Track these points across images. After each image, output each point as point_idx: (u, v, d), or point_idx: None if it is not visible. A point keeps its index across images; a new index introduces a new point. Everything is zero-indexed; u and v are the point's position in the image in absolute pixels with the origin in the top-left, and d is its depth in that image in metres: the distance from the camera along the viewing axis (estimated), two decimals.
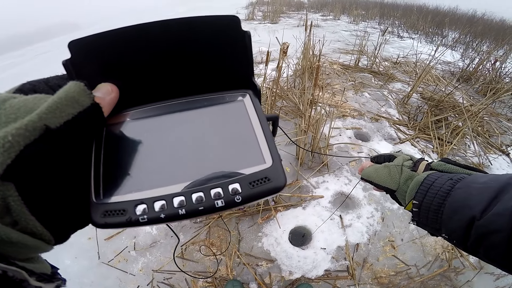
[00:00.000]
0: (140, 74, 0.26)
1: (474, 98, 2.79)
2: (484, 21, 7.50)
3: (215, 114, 0.27)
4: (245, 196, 0.21)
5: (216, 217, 1.44)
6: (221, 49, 0.27)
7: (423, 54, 3.78)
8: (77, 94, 0.20)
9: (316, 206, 1.53)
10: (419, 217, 0.39)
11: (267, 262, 1.30)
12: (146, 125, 0.26)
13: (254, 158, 0.23)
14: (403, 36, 5.68)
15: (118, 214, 0.21)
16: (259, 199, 0.22)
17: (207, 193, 0.21)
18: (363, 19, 7.38)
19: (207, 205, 0.21)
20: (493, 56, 3.45)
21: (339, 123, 2.13)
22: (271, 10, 7.32)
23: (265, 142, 0.24)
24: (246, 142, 0.25)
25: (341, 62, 3.36)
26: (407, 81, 3.00)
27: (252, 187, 0.22)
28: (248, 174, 0.22)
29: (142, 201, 0.21)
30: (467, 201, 0.33)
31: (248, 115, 0.26)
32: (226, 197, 0.21)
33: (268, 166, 0.23)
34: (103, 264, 1.29)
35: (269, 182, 0.22)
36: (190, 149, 0.24)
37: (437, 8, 9.12)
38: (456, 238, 0.34)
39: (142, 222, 0.21)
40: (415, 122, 2.24)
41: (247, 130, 0.25)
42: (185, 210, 0.21)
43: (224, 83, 0.28)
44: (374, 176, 0.49)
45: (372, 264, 1.30)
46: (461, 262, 1.32)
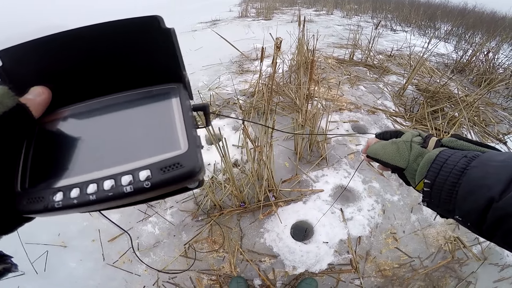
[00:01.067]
0: (70, 76, 0.28)
1: (469, 89, 2.81)
2: (475, 13, 7.57)
3: (140, 107, 0.28)
4: (155, 182, 0.22)
5: (216, 214, 1.44)
6: (145, 47, 0.28)
7: (416, 47, 3.80)
8: (0, 97, 0.22)
9: (316, 200, 1.53)
10: (431, 197, 0.36)
11: (270, 258, 1.30)
12: (75, 121, 0.28)
13: (169, 145, 0.24)
14: (396, 29, 5.70)
15: (37, 201, 0.22)
16: (171, 185, 0.23)
17: (118, 180, 0.22)
18: (356, 13, 7.39)
19: (116, 191, 0.22)
20: (486, 47, 3.47)
21: (336, 116, 2.13)
22: (265, 6, 7.29)
23: (183, 129, 0.25)
24: (164, 130, 0.26)
25: (335, 57, 3.36)
26: (402, 73, 3.01)
27: (163, 173, 0.22)
28: (160, 160, 0.23)
29: (59, 188, 0.23)
30: (484, 181, 0.30)
31: (171, 106, 0.28)
32: (135, 183, 0.22)
33: (182, 152, 0.23)
34: (108, 265, 1.29)
35: (181, 167, 0.23)
36: (112, 140, 0.26)
37: (428, 1, 9.17)
38: (470, 221, 0.32)
39: (58, 207, 0.22)
40: (412, 114, 2.25)
41: (168, 120, 0.26)
42: (96, 197, 0.22)
43: (153, 78, 0.30)
44: (381, 153, 0.46)
45: (375, 257, 1.31)
46: (464, 253, 1.33)
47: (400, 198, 1.57)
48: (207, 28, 5.52)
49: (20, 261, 1.29)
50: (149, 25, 0.27)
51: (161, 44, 0.28)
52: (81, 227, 1.46)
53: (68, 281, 1.26)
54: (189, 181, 0.23)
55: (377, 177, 1.67)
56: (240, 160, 1.74)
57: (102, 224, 1.46)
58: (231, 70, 3.09)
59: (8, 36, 6.80)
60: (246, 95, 2.46)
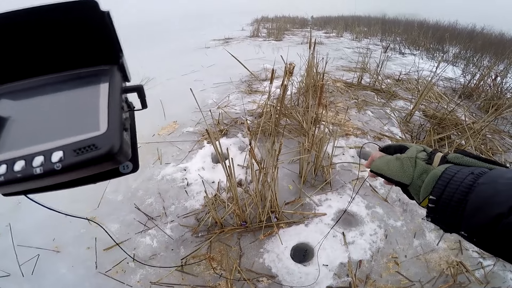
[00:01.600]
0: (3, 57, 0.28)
1: (476, 115, 2.81)
2: (483, 35, 7.62)
3: (68, 88, 0.29)
4: (67, 164, 0.21)
5: (217, 231, 1.46)
6: (81, 30, 0.28)
7: (424, 71, 3.84)
8: None
9: (318, 223, 1.54)
10: (436, 213, 0.36)
11: (268, 278, 1.30)
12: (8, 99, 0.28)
13: (87, 126, 0.24)
14: (405, 52, 5.77)
15: None
16: (84, 168, 0.22)
17: (28, 162, 0.21)
18: (365, 36, 7.53)
19: (26, 173, 0.21)
20: (494, 71, 3.48)
21: (342, 142, 2.16)
22: (276, 27, 7.51)
23: (105, 111, 0.25)
24: (87, 112, 0.25)
25: (344, 80, 3.43)
26: (409, 98, 3.04)
27: (76, 155, 0.22)
28: (75, 141, 0.22)
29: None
30: (493, 198, 0.30)
31: (98, 88, 0.27)
32: (46, 165, 0.21)
33: (99, 133, 0.23)
34: (100, 274, 1.29)
35: (96, 149, 0.22)
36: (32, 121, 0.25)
37: (437, 23, 9.29)
38: (477, 236, 0.32)
39: None
40: (418, 141, 2.26)
41: (92, 101, 0.26)
42: (4, 178, 0.21)
43: (88, 59, 0.30)
44: (385, 169, 0.46)
45: (375, 281, 1.30)
46: (466, 277, 1.31)
47: (403, 223, 1.57)
48: (220, 45, 5.71)
49: (8, 263, 1.31)
50: (85, 8, 0.27)
51: (96, 26, 0.28)
52: (77, 234, 1.48)
53: (55, 286, 1.26)
54: (107, 164, 0.22)
55: (381, 203, 1.68)
56: (244, 180, 1.78)
57: (100, 232, 1.46)
58: (241, 89, 3.18)
59: None
60: (254, 115, 2.53)
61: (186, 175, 1.86)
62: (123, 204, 1.66)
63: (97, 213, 1.58)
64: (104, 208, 1.61)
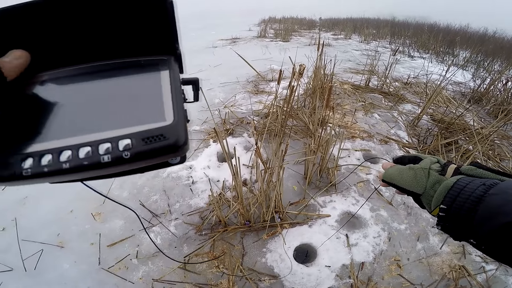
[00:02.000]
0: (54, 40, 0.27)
1: (485, 120, 2.77)
2: (495, 39, 7.50)
3: (127, 76, 0.28)
4: (135, 152, 0.21)
5: (221, 230, 1.48)
6: (140, 16, 0.28)
7: (433, 74, 3.80)
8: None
9: (322, 224, 1.54)
10: (446, 221, 0.38)
11: (270, 277, 1.30)
12: (54, 86, 0.27)
13: (154, 115, 0.23)
14: (414, 55, 5.72)
15: (3, 168, 0.21)
16: (152, 157, 0.21)
17: (94, 148, 0.21)
18: (374, 38, 7.47)
19: (92, 160, 0.21)
20: (505, 76, 3.43)
21: (348, 144, 2.15)
22: (283, 28, 7.51)
23: (170, 101, 0.24)
24: (151, 101, 0.25)
25: (351, 82, 3.41)
26: (417, 102, 3.01)
27: (145, 144, 0.21)
28: (142, 130, 0.22)
29: (29, 154, 0.21)
30: (502, 208, 0.31)
31: (160, 77, 0.27)
32: (114, 152, 0.21)
33: (167, 124, 0.23)
34: (102, 270, 1.30)
35: (164, 139, 0.22)
36: (93, 107, 0.25)
37: (448, 26, 9.16)
38: (485, 244, 0.33)
39: (26, 175, 0.20)
40: (425, 145, 2.25)
41: (155, 91, 0.26)
42: (69, 165, 0.20)
43: (145, 48, 0.29)
44: (398, 178, 0.47)
45: (376, 283, 1.30)
46: (468, 281, 1.31)
47: (407, 227, 1.56)
48: (227, 45, 5.73)
49: (12, 258, 1.33)
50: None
51: (157, 14, 0.27)
52: (82, 229, 1.49)
53: (57, 281, 1.27)
54: (172, 155, 0.22)
55: (385, 206, 1.68)
56: (249, 180, 1.79)
57: (104, 228, 1.50)
58: (247, 89, 3.20)
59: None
60: (260, 115, 2.54)
61: (192, 173, 1.87)
62: (128, 200, 1.68)
63: (102, 209, 1.61)
64: (109, 205, 1.63)
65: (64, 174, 0.21)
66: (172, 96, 0.25)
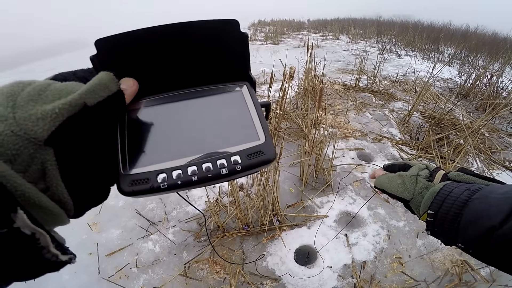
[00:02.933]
0: (153, 68, 0.31)
1: (474, 114, 2.83)
2: (477, 35, 7.68)
3: (217, 100, 0.32)
4: (244, 165, 0.26)
5: (219, 236, 1.46)
6: (223, 47, 0.32)
7: (421, 72, 3.87)
8: (107, 82, 0.24)
9: (321, 225, 1.54)
10: (434, 226, 0.39)
11: (272, 281, 1.30)
12: (161, 110, 0.31)
13: (251, 135, 0.28)
14: (401, 54, 5.82)
15: (143, 183, 0.25)
16: (255, 168, 0.26)
17: (214, 163, 0.26)
18: (361, 38, 7.59)
19: (214, 173, 0.25)
20: (489, 70, 3.52)
21: (342, 144, 2.17)
22: (273, 31, 7.56)
23: (259, 123, 0.29)
24: (244, 123, 0.29)
25: (342, 82, 3.45)
26: (407, 99, 3.06)
27: (249, 159, 0.26)
28: (246, 148, 0.27)
29: (162, 170, 0.25)
30: (486, 212, 0.33)
31: (245, 101, 0.31)
32: (229, 166, 0.26)
33: (262, 142, 0.28)
34: (103, 279, 1.29)
35: (263, 154, 0.27)
36: (197, 129, 0.29)
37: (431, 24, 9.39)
38: (473, 248, 0.34)
39: (163, 188, 0.25)
40: (417, 142, 2.28)
41: (245, 113, 0.30)
42: (197, 177, 0.25)
43: (225, 76, 0.34)
44: (388, 185, 0.49)
45: (380, 281, 1.30)
46: (472, 276, 1.31)
47: (406, 224, 1.57)
48: None
49: None
50: (229, 28, 0.30)
51: (236, 46, 0.32)
52: (79, 240, 1.47)
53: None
54: (267, 166, 0.27)
55: (382, 203, 1.69)
56: (245, 184, 1.78)
57: (102, 238, 1.48)
58: None
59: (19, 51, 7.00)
60: None
61: None
62: (124, 209, 1.65)
63: (98, 219, 1.58)
64: (106, 215, 1.60)
65: (192, 186, 0.25)
66: (259, 118, 0.29)
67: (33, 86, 0.21)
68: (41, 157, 0.19)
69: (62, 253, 0.20)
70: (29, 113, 0.19)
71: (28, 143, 0.19)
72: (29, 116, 0.19)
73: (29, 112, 0.19)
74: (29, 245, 0.17)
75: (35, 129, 0.19)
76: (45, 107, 0.20)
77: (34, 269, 0.19)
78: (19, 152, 0.18)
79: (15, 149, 0.18)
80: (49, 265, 0.19)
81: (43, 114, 0.19)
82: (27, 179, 0.19)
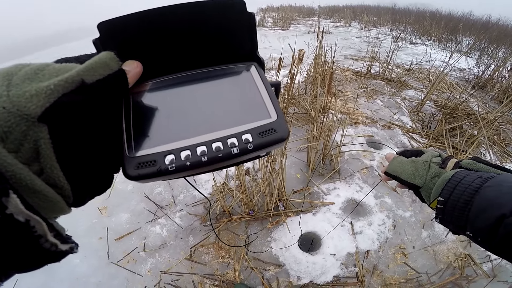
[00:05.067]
0: (159, 50, 0.30)
1: (490, 106, 2.73)
2: (499, 27, 7.34)
3: (225, 81, 0.31)
4: (256, 144, 0.25)
5: (225, 220, 1.46)
6: (229, 27, 0.30)
7: (436, 61, 3.74)
8: (108, 60, 0.23)
9: (326, 212, 1.53)
10: (444, 214, 0.39)
11: (275, 266, 1.30)
12: (166, 92, 0.30)
13: (262, 113, 0.27)
14: (416, 42, 5.63)
15: (150, 165, 0.23)
16: (267, 147, 0.25)
17: (224, 143, 0.24)
18: (375, 25, 7.35)
19: (225, 152, 0.24)
20: (510, 62, 3.38)
21: (351, 130, 2.12)
22: (282, 16, 7.39)
23: (270, 101, 0.28)
24: (254, 101, 0.28)
25: (353, 69, 3.36)
26: (420, 88, 2.96)
27: (261, 137, 0.25)
28: (257, 126, 0.26)
29: (170, 151, 0.24)
30: (497, 200, 0.32)
31: (254, 81, 0.30)
32: (240, 145, 0.24)
33: (273, 119, 0.26)
34: (112, 264, 1.31)
35: (275, 132, 0.25)
36: (206, 108, 0.28)
37: (450, 14, 9.02)
38: (481, 236, 0.34)
39: (171, 170, 0.23)
40: (429, 130, 2.21)
41: (254, 92, 0.29)
42: (207, 157, 0.24)
43: (232, 57, 0.32)
44: (400, 171, 0.49)
45: (382, 271, 1.29)
46: (474, 270, 1.30)
47: (412, 214, 1.54)
48: None
49: None
50: (235, 8, 0.29)
51: (243, 26, 0.30)
52: (90, 224, 1.49)
53: (69, 277, 1.28)
54: (280, 145, 0.26)
55: (390, 192, 1.65)
56: (252, 169, 1.76)
57: (111, 222, 1.50)
58: None
59: (28, 38, 7.02)
60: None
61: None
62: (133, 193, 1.66)
63: (108, 203, 1.60)
64: (115, 199, 1.62)
65: (202, 167, 0.24)
66: (270, 96, 0.28)
67: (31, 66, 0.20)
68: (34, 135, 0.18)
69: (62, 242, 0.19)
70: (23, 90, 0.18)
71: (21, 120, 0.17)
72: (23, 93, 0.18)
73: (23, 90, 0.18)
74: (24, 234, 0.16)
75: (28, 105, 0.18)
76: (41, 84, 0.19)
77: (32, 259, 0.18)
78: (10, 129, 0.17)
79: (7, 126, 0.17)
80: (48, 255, 0.19)
81: (37, 91, 0.18)
82: (20, 159, 0.17)
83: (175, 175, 0.24)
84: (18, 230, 0.16)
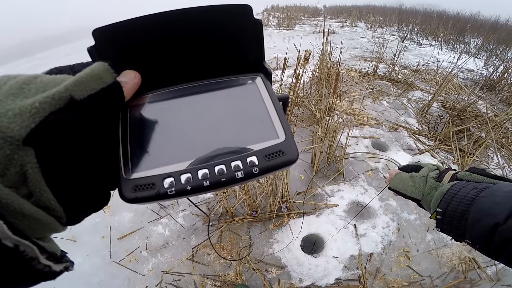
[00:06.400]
0: (159, 59, 0.28)
1: (498, 108, 2.68)
2: (508, 27, 7.22)
3: (230, 94, 0.28)
4: (262, 168, 0.23)
5: (228, 221, 1.45)
6: (234, 35, 0.28)
7: (444, 62, 3.68)
8: (101, 72, 0.21)
9: (330, 214, 1.51)
10: (443, 224, 0.41)
11: (277, 268, 1.29)
12: (167, 106, 0.27)
13: (269, 133, 0.25)
14: (423, 43, 5.56)
15: (148, 188, 0.22)
16: (274, 170, 0.23)
17: (228, 166, 0.22)
18: (381, 25, 7.29)
19: (228, 176, 0.22)
20: None
21: (356, 131, 2.10)
22: (286, 16, 7.36)
23: (277, 119, 0.26)
24: (260, 119, 0.26)
25: (358, 70, 3.32)
26: (427, 89, 2.92)
27: (268, 160, 0.23)
28: (263, 148, 0.24)
29: (169, 174, 0.22)
30: (491, 210, 0.34)
31: (261, 95, 0.28)
32: (245, 169, 0.22)
33: (281, 140, 0.24)
34: (114, 263, 1.31)
35: (283, 155, 0.24)
36: (208, 126, 0.26)
37: (458, 14, 8.91)
38: (479, 244, 0.36)
39: (170, 194, 0.22)
40: (435, 133, 2.18)
41: (261, 109, 0.27)
42: (209, 182, 0.22)
43: (237, 67, 0.30)
44: (401, 186, 0.52)
45: (385, 274, 1.27)
46: (477, 274, 1.28)
47: (417, 217, 1.52)
48: None
49: None
50: (241, 14, 0.27)
51: (249, 33, 0.28)
52: (93, 223, 1.49)
53: (71, 276, 1.26)
54: (288, 167, 0.24)
55: (394, 195, 1.63)
56: None
57: (114, 221, 1.50)
58: None
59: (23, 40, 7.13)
60: None
61: None
62: None
63: (111, 202, 1.54)
64: (118, 198, 1.62)
65: (203, 191, 0.22)
66: (278, 113, 0.26)
67: (17, 79, 0.18)
68: (20, 159, 0.16)
69: (56, 263, 0.19)
70: (6, 108, 0.16)
71: (4, 143, 0.16)
72: (6, 111, 0.16)
73: (6, 108, 0.16)
74: (15, 258, 0.15)
75: (11, 126, 0.16)
76: (25, 101, 0.17)
77: (26, 279, 0.17)
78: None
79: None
80: (42, 275, 0.18)
81: (21, 110, 0.16)
82: (6, 184, 0.16)
83: (175, 199, 0.23)
84: (8, 255, 0.15)
